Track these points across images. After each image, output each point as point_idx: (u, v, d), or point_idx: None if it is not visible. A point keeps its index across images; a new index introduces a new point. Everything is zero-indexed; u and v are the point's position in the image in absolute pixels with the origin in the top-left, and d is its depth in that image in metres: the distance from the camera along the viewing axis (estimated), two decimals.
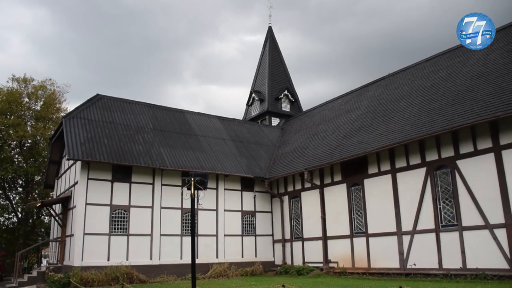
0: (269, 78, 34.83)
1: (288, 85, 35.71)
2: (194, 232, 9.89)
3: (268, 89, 34.30)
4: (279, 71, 36.17)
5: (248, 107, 36.32)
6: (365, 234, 19.30)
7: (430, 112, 17.76)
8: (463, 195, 15.76)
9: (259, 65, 37.07)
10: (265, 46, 37.33)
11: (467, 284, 13.69)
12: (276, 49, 37.35)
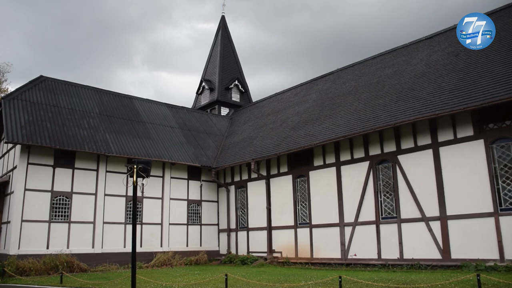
0: (220, 67, 34.63)
1: (239, 75, 35.67)
2: (136, 220, 9.71)
3: (218, 79, 34.11)
4: (230, 61, 36.02)
5: (198, 95, 36.00)
6: (309, 225, 19.69)
7: (375, 107, 18.28)
8: (403, 188, 16.39)
9: (211, 54, 36.76)
10: (217, 35, 37.03)
11: (403, 273, 14.24)
12: (228, 39, 37.14)
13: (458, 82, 15.98)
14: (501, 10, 19.12)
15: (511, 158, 13.97)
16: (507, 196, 13.90)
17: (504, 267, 13.01)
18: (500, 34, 17.45)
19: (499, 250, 13.69)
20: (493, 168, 14.25)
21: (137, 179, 9.68)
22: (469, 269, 13.53)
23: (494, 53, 16.33)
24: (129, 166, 9.77)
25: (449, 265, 14.54)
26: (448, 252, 14.86)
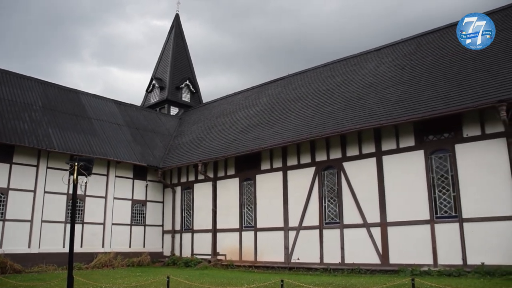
0: (172, 66, 34.19)
1: (191, 75, 35.36)
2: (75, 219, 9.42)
3: (169, 77, 33.64)
4: (182, 60, 35.64)
5: (147, 93, 35.34)
6: (254, 228, 19.79)
7: (323, 114, 18.66)
8: (347, 195, 16.82)
9: (163, 52, 36.20)
10: (171, 33, 36.52)
11: (344, 277, 14.60)
12: (182, 38, 36.73)
13: (403, 94, 16.60)
14: (443, 29, 20.11)
15: (447, 169, 14.68)
16: (443, 204, 14.59)
17: (437, 272, 13.68)
18: (442, 51, 18.35)
19: (433, 256, 14.34)
20: (431, 177, 14.91)
21: (77, 177, 9.38)
22: (405, 273, 14.05)
23: (436, 68, 17.12)
24: (70, 164, 9.45)
25: (387, 270, 15.05)
26: (387, 257, 15.38)
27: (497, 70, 14.74)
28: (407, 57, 19.66)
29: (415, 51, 19.81)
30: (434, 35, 20.27)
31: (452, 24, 20.01)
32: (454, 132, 14.72)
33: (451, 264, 13.86)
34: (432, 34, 20.53)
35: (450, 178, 14.57)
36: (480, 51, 16.43)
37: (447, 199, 14.54)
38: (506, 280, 11.99)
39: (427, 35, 20.76)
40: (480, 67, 15.52)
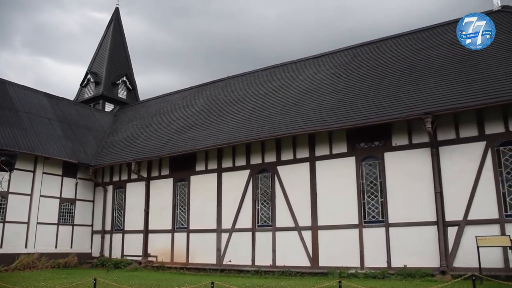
0: (109, 61, 33.12)
1: (128, 71, 34.45)
2: None
3: (105, 73, 32.58)
4: (120, 55, 34.64)
5: (82, 88, 33.95)
6: (186, 229, 19.61)
7: (260, 118, 18.85)
8: (280, 198, 17.08)
9: (100, 46, 34.96)
10: (109, 27, 35.36)
11: (274, 280, 14.81)
12: (121, 32, 35.67)
13: (338, 102, 17.13)
14: (378, 42, 21.07)
15: (376, 175, 15.31)
16: (371, 210, 15.20)
17: (363, 274, 14.21)
18: (376, 63, 19.15)
19: (360, 259, 14.90)
20: (361, 183, 15.50)
21: None
22: (334, 276, 14.49)
23: (370, 79, 17.83)
24: None
25: (316, 272, 15.42)
26: (316, 260, 15.77)
27: (424, 84, 15.59)
28: (343, 66, 20.31)
29: (351, 61, 20.52)
30: (370, 47, 21.11)
31: (386, 38, 21.06)
32: (384, 141, 15.40)
33: (376, 267, 14.45)
34: (368, 46, 21.37)
35: (379, 184, 15.22)
36: (409, 65, 17.45)
37: (375, 205, 15.17)
38: (425, 281, 12.70)
39: (363, 47, 21.57)
40: (409, 80, 16.34)
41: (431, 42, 18.62)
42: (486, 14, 18.52)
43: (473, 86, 14.24)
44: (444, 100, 14.14)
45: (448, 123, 14.30)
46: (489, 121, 13.79)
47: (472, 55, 16.11)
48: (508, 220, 12.99)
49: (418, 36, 19.87)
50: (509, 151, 13.46)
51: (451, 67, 16.00)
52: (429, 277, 13.13)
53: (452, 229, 13.67)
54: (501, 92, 13.25)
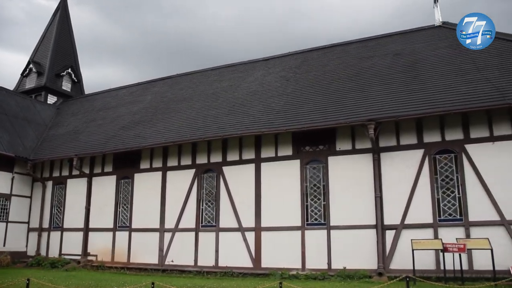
0: (53, 51, 31.73)
1: (74, 63, 33.18)
2: None
3: (49, 63, 31.17)
4: (66, 46, 33.27)
5: (23, 77, 32.29)
6: (128, 228, 19.19)
7: (207, 118, 18.75)
8: (224, 199, 17.07)
9: (45, 35, 33.39)
10: (56, 15, 33.83)
11: (216, 280, 14.79)
12: (68, 22, 34.23)
13: (285, 105, 17.33)
14: (327, 48, 21.56)
15: (320, 179, 15.65)
16: (314, 212, 15.50)
17: (304, 276, 14.47)
18: (324, 68, 19.57)
19: (302, 260, 15.16)
20: (305, 186, 15.76)
21: None
22: (275, 277, 14.64)
23: (318, 83, 18.19)
24: None
25: (259, 273, 15.53)
26: (259, 261, 15.88)
27: (369, 91, 16.09)
28: (292, 70, 20.58)
29: (301, 65, 20.82)
30: (319, 52, 21.53)
31: (335, 45, 21.65)
32: (329, 145, 15.74)
33: (317, 268, 14.76)
34: (317, 51, 21.80)
35: (322, 187, 15.54)
36: (356, 72, 17.97)
37: (318, 208, 15.48)
38: (363, 282, 13.12)
39: (312, 52, 21.97)
40: (355, 87, 16.79)
41: (377, 52, 19.26)
42: (428, 28, 19.59)
43: (414, 96, 14.84)
44: (386, 108, 14.65)
45: (389, 130, 14.83)
46: (427, 130, 14.46)
47: (414, 66, 16.83)
48: (441, 224, 13.67)
49: (365, 44, 20.48)
50: (445, 159, 14.16)
51: (395, 76, 16.61)
52: (367, 278, 13.56)
53: (390, 233, 14.19)
54: (439, 103, 13.91)
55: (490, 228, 13.10)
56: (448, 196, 13.93)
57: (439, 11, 20.00)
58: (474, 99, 13.53)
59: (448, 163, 14.14)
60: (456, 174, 13.94)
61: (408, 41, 19.28)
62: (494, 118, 13.74)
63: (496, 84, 13.84)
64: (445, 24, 19.30)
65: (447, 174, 14.07)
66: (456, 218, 13.69)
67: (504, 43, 16.08)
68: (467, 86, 14.33)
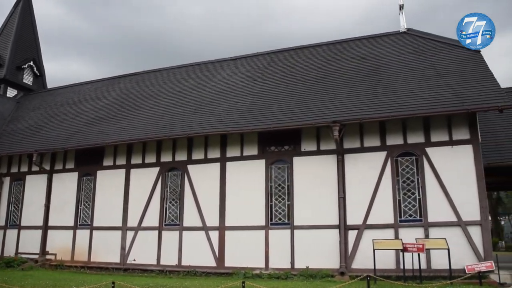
0: (14, 42, 30.61)
1: (36, 56, 32.15)
2: None
3: (10, 55, 30.05)
4: (28, 38, 32.18)
5: None
6: (90, 226, 18.79)
7: (173, 116, 18.58)
8: (189, 197, 16.98)
9: (5, 25, 32.11)
10: (18, 5, 32.58)
11: (179, 280, 14.68)
12: (31, 13, 33.04)
13: (251, 105, 17.37)
14: (294, 50, 21.76)
15: (284, 179, 15.78)
16: (278, 212, 15.61)
17: (268, 275, 14.55)
18: (291, 69, 19.74)
19: (265, 260, 15.24)
20: (270, 186, 15.86)
21: None
22: (238, 276, 14.65)
23: (285, 84, 18.32)
24: None
25: (222, 272, 15.52)
26: (222, 260, 15.86)
27: (334, 94, 16.33)
28: (259, 71, 20.64)
29: (268, 66, 20.91)
30: (286, 54, 21.67)
31: (302, 47, 21.86)
32: (294, 146, 15.88)
33: (280, 268, 14.86)
34: (284, 52, 21.93)
35: (286, 188, 15.67)
36: (322, 74, 18.20)
37: (282, 207, 15.59)
38: (325, 282, 13.31)
39: (279, 53, 22.09)
40: (321, 89, 17.00)
41: (344, 55, 19.56)
42: (393, 34, 20.08)
43: (378, 99, 15.15)
44: (351, 110, 14.91)
45: (354, 132, 15.10)
46: (390, 133, 14.81)
47: (379, 70, 17.18)
48: (402, 225, 14.02)
49: (332, 47, 20.76)
50: (406, 162, 14.53)
51: (360, 80, 16.90)
52: (329, 277, 13.75)
53: (353, 233, 14.44)
54: (402, 107, 14.27)
55: (448, 228, 13.54)
56: (409, 198, 14.29)
57: (404, 18, 20.48)
58: (436, 104, 13.93)
59: (409, 165, 14.51)
60: (417, 176, 14.32)
61: (374, 46, 19.66)
62: (454, 123, 14.21)
63: (456, 90, 14.29)
64: (410, 31, 19.79)
65: (408, 176, 14.44)
66: (416, 219, 14.07)
67: (465, 51, 16.61)
68: (429, 91, 14.74)
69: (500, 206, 55.05)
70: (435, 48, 17.61)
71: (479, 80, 14.74)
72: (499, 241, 51.36)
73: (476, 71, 15.31)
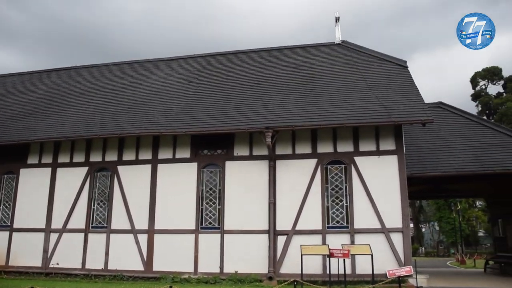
0: None
1: None
2: None
3: None
4: None
5: None
6: (9, 228, 17.67)
7: (105, 114, 18.01)
8: (118, 199, 16.48)
9: None
10: None
11: (104, 284, 14.30)
12: None
13: (186, 107, 17.22)
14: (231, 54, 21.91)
15: (216, 183, 15.78)
16: (208, 216, 15.59)
17: (196, 279, 14.49)
18: (227, 73, 19.81)
19: (194, 264, 15.14)
20: (201, 190, 15.80)
21: None
22: (166, 280, 14.46)
23: (220, 88, 18.38)
24: None
25: (150, 277, 15.24)
26: (151, 264, 15.57)
27: (268, 100, 16.56)
28: (195, 73, 20.52)
29: (204, 69, 20.84)
30: (222, 58, 21.71)
31: (239, 52, 22.05)
32: (227, 150, 15.92)
33: (210, 272, 14.82)
34: (221, 56, 21.98)
35: (218, 192, 15.67)
36: (257, 80, 18.43)
37: (213, 211, 15.57)
38: (253, 286, 13.49)
39: (216, 56, 22.12)
40: (255, 95, 17.19)
41: (279, 62, 19.91)
42: (328, 45, 20.74)
43: (311, 107, 15.54)
44: (284, 117, 15.17)
45: (286, 139, 15.36)
46: (321, 141, 15.24)
47: (312, 79, 17.65)
48: (329, 231, 14.47)
49: (268, 54, 21.06)
50: (335, 170, 15.01)
51: (293, 87, 17.25)
52: (257, 282, 13.90)
53: (282, 238, 14.68)
54: (333, 116, 14.75)
55: (372, 235, 14.14)
56: (337, 205, 14.76)
57: (339, 30, 21.20)
58: (365, 115, 14.50)
59: (338, 173, 14.98)
60: (345, 184, 14.82)
61: (309, 55, 20.15)
62: (381, 133, 14.86)
63: (384, 102, 14.94)
64: (344, 43, 20.49)
65: (337, 184, 14.91)
66: (343, 225, 14.56)
67: (393, 65, 17.49)
68: (359, 102, 15.31)
69: (422, 214, 58.31)
70: (367, 61, 18.37)
71: (406, 94, 15.55)
72: (420, 247, 54.48)
73: (403, 86, 16.15)
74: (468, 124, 18.10)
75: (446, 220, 49.09)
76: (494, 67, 50.91)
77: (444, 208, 49.01)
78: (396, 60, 18.09)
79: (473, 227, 56.09)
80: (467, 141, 16.94)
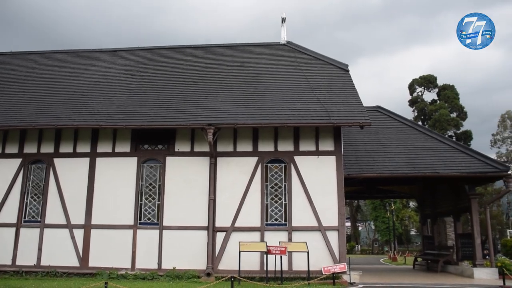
0: None
1: None
2: None
3: None
4: None
5: None
6: None
7: (41, 104, 17.07)
8: (53, 193, 15.92)
9: None
10: None
11: (36, 281, 13.85)
12: None
13: (127, 100, 16.88)
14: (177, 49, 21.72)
15: (156, 178, 15.66)
16: (147, 212, 15.44)
17: (133, 275, 14.37)
18: (172, 68, 19.57)
19: (132, 260, 14.99)
20: (141, 185, 15.61)
21: None
22: (102, 277, 14.26)
23: (164, 83, 18.26)
24: None
25: (85, 273, 14.95)
26: (87, 260, 15.22)
27: (211, 97, 16.61)
28: (139, 66, 20.13)
29: (148, 62, 20.49)
30: (168, 52, 21.45)
31: (184, 47, 21.91)
32: (168, 145, 15.82)
33: (147, 268, 14.74)
34: (166, 50, 21.70)
35: (158, 187, 15.54)
36: (201, 76, 18.41)
37: (152, 207, 15.44)
38: (191, 282, 13.51)
39: (161, 50, 21.82)
40: (198, 91, 17.17)
41: (224, 59, 19.97)
42: (273, 45, 21.03)
43: (253, 106, 15.73)
44: (226, 114, 15.27)
45: (228, 136, 15.48)
46: (262, 139, 15.49)
47: (256, 78, 17.87)
48: (268, 228, 14.77)
49: (214, 51, 21.04)
50: (275, 168, 15.30)
51: (237, 85, 17.39)
52: (195, 278, 13.95)
53: (221, 235, 14.82)
54: (274, 116, 15.04)
55: (310, 233, 14.57)
56: (276, 203, 15.06)
57: (285, 31, 21.50)
58: (306, 116, 14.88)
59: (278, 171, 15.27)
60: (285, 183, 15.14)
61: (255, 54, 20.33)
62: (321, 134, 15.32)
63: (324, 104, 15.39)
64: (289, 44, 20.82)
65: (276, 182, 15.20)
66: (281, 223, 14.89)
67: (335, 68, 18.03)
68: (301, 103, 15.67)
69: (359, 213, 60.35)
70: (310, 63, 18.80)
71: (346, 97, 16.09)
72: (356, 245, 56.44)
73: (344, 89, 16.69)
74: (403, 128, 18.93)
75: (381, 219, 51.00)
76: (430, 75, 53.05)
77: (380, 208, 50.90)
78: (339, 64, 18.64)
79: (406, 226, 58.65)
80: (402, 144, 17.74)
